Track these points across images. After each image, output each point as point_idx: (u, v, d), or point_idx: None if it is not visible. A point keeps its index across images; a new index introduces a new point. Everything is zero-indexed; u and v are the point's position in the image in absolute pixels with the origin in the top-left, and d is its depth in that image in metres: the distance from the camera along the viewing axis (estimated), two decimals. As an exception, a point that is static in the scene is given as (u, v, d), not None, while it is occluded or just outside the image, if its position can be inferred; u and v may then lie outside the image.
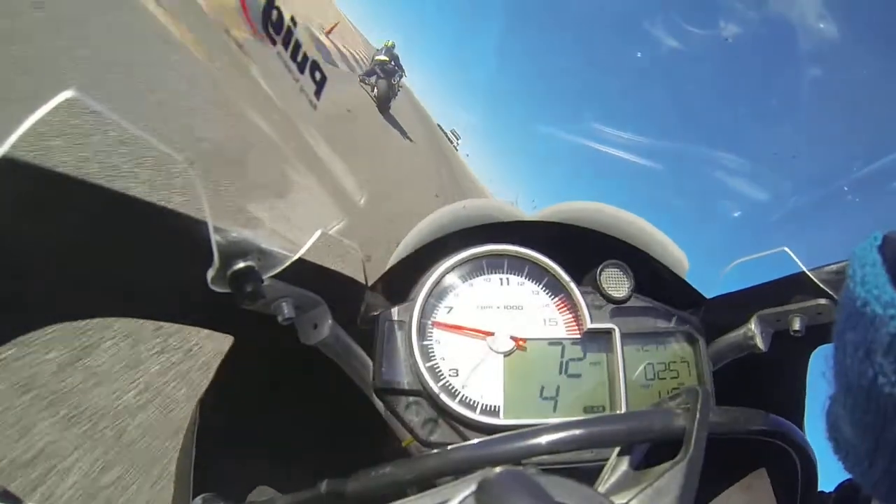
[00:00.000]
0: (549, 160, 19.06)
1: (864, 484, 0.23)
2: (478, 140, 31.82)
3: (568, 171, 17.93)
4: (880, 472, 0.21)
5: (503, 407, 0.49)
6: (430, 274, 0.52)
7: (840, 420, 0.24)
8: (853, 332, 0.21)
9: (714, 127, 2.55)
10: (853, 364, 0.21)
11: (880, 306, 0.20)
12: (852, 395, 0.22)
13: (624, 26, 8.40)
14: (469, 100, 28.72)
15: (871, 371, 0.20)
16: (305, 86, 0.38)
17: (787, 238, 0.47)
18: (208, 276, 0.35)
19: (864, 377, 0.20)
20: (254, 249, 0.37)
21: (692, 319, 0.57)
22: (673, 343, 0.56)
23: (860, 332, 0.21)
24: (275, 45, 0.35)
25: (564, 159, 19.33)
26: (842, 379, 0.22)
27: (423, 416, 0.48)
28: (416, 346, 0.49)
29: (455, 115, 37.53)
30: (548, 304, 0.54)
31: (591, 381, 0.52)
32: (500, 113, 23.82)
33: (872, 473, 0.22)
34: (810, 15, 0.42)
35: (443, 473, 0.39)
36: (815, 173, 0.52)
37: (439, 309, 0.52)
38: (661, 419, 0.38)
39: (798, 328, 0.50)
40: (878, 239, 0.22)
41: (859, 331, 0.21)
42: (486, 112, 26.13)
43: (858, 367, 0.21)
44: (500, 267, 0.55)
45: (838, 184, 0.46)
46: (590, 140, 0.75)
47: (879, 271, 0.21)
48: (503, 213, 0.59)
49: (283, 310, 0.41)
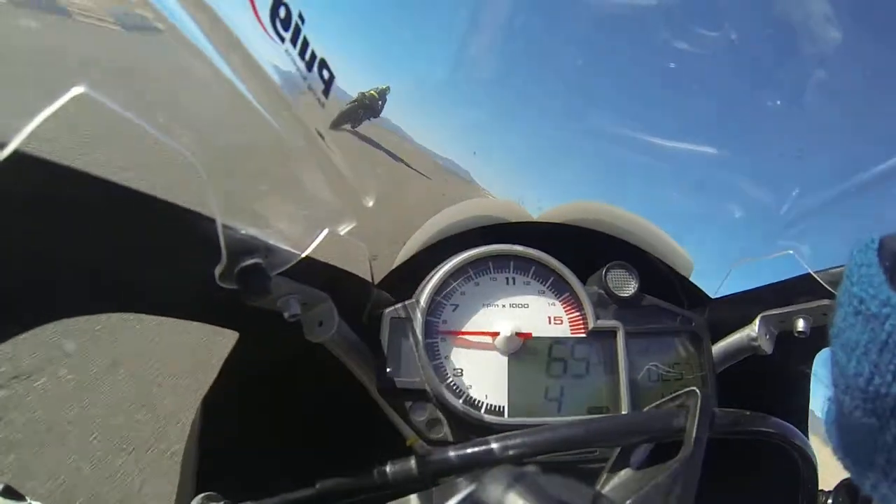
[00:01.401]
0: (557, 159, 18.78)
1: (863, 484, 0.23)
2: (485, 137, 31.54)
3: (575, 170, 17.33)
4: (879, 472, 0.21)
5: (507, 407, 0.49)
6: (436, 273, 0.52)
7: (838, 421, 0.24)
8: (850, 333, 0.22)
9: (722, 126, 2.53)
10: (850, 364, 0.21)
11: (877, 306, 0.20)
12: (850, 396, 0.22)
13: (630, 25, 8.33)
14: (477, 96, 28.56)
15: (868, 371, 0.20)
16: (313, 84, 0.38)
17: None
18: (216, 272, 0.35)
19: (861, 377, 0.21)
20: (261, 246, 0.37)
21: (697, 320, 0.57)
22: (677, 343, 0.56)
23: (857, 332, 0.21)
24: (283, 42, 0.35)
25: (570, 158, 18.96)
26: (839, 379, 0.23)
27: (427, 415, 0.48)
28: (422, 344, 0.49)
29: (463, 113, 37.12)
30: (553, 303, 0.54)
31: (595, 381, 0.52)
32: (507, 109, 23.54)
33: (871, 474, 0.22)
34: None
35: (446, 472, 0.39)
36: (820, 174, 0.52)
37: (445, 308, 0.52)
38: (662, 420, 0.38)
39: (802, 329, 0.50)
40: (875, 241, 0.22)
41: (856, 331, 0.21)
42: (493, 108, 25.77)
43: (856, 368, 0.21)
44: (506, 266, 0.55)
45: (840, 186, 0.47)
46: (597, 138, 0.74)
47: (876, 272, 0.21)
48: (509, 214, 0.59)
49: (289, 306, 0.41)
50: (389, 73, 57.45)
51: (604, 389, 0.52)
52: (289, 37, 0.36)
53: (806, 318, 0.51)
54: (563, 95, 2.41)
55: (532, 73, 5.00)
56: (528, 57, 3.57)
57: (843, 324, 0.22)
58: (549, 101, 3.62)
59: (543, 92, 3.41)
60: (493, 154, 22.14)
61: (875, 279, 0.21)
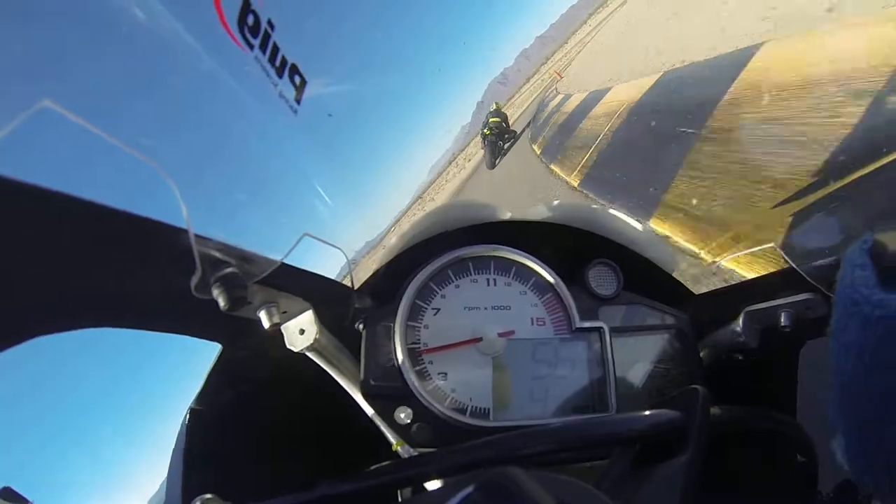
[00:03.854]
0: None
1: (863, 482, 0.23)
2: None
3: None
4: (879, 469, 0.21)
5: (492, 409, 0.49)
6: (417, 276, 0.52)
7: (838, 419, 0.24)
8: (846, 333, 0.22)
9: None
10: (847, 364, 0.21)
11: (870, 307, 0.20)
12: (848, 395, 0.22)
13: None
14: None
15: (864, 370, 0.20)
16: (284, 91, 0.38)
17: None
18: (192, 283, 0.35)
19: (858, 376, 0.21)
20: (236, 255, 0.37)
21: (681, 316, 0.57)
22: (663, 340, 0.56)
23: (852, 333, 0.21)
24: (252, 49, 0.35)
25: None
26: (838, 379, 0.23)
27: (412, 419, 0.48)
28: (404, 349, 0.49)
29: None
30: (536, 303, 0.54)
31: (580, 380, 0.52)
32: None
33: (872, 471, 0.22)
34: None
35: (431, 477, 0.39)
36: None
37: (426, 312, 0.52)
38: (662, 419, 0.38)
39: (786, 323, 0.50)
40: (867, 242, 0.22)
41: (851, 331, 0.21)
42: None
43: (852, 367, 0.21)
44: (487, 268, 0.55)
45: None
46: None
47: (869, 273, 0.21)
48: (488, 214, 0.59)
49: (268, 316, 0.41)
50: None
51: (590, 389, 0.52)
52: (258, 43, 0.36)
53: (789, 311, 0.51)
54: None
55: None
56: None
57: (838, 325, 0.22)
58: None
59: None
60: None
61: (868, 280, 0.21)
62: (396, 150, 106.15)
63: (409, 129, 45.07)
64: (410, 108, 48.55)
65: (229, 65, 0.35)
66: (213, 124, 0.37)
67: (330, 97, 0.42)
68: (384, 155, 46.41)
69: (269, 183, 0.41)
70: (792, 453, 0.47)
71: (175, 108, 0.36)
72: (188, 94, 0.35)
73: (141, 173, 0.30)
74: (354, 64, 22.59)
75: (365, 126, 20.79)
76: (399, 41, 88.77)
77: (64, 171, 0.30)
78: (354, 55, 32.31)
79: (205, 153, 0.37)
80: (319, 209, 0.43)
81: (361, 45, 65.21)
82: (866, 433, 0.22)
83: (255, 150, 0.39)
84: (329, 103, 0.41)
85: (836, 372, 0.23)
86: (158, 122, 0.33)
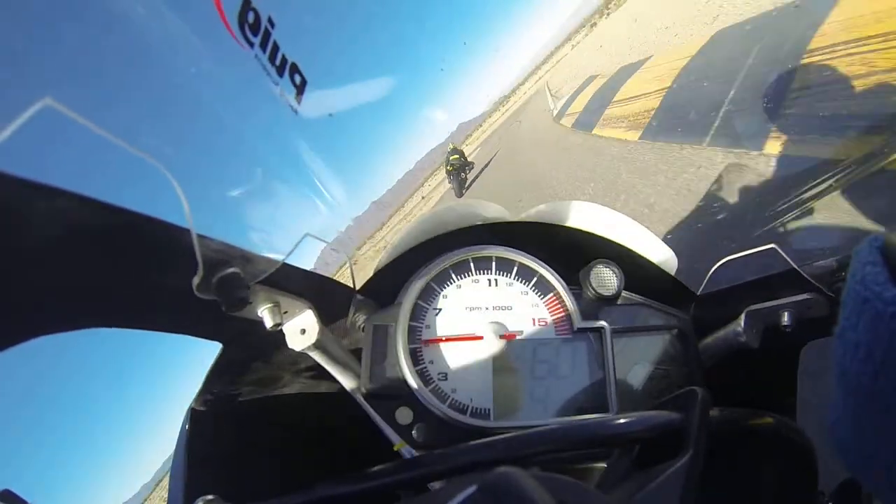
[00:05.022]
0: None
1: (865, 482, 0.23)
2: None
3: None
4: (882, 470, 0.21)
5: (493, 410, 0.49)
6: (418, 277, 0.52)
7: (842, 420, 0.24)
8: (854, 332, 0.21)
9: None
10: (855, 364, 0.21)
11: (881, 304, 0.20)
12: (854, 395, 0.22)
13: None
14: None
15: (873, 370, 0.20)
16: (285, 90, 0.37)
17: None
18: (193, 283, 0.35)
19: (866, 376, 0.20)
20: (238, 255, 0.37)
21: (682, 316, 0.57)
22: (664, 341, 0.56)
23: (861, 332, 0.21)
24: (252, 47, 0.35)
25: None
26: (843, 379, 0.22)
27: (412, 419, 0.48)
28: (405, 350, 0.49)
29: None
30: (537, 304, 0.54)
31: (581, 380, 0.52)
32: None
33: (874, 472, 0.22)
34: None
35: (432, 477, 0.39)
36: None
37: (428, 312, 0.52)
38: (662, 420, 0.38)
39: (787, 323, 0.50)
40: (878, 239, 0.22)
41: (860, 330, 0.21)
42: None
43: (860, 367, 0.21)
44: (489, 268, 0.55)
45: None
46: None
47: (880, 270, 0.21)
48: (489, 215, 0.59)
49: (270, 316, 0.41)
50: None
51: (590, 389, 0.52)
52: (258, 42, 0.36)
53: (790, 311, 0.51)
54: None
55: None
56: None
57: (846, 323, 0.22)
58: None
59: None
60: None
61: (879, 277, 0.20)
62: (396, 150, 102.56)
63: (409, 129, 44.88)
64: (411, 107, 48.15)
65: (230, 64, 0.35)
66: (214, 124, 0.37)
67: (330, 97, 0.42)
68: (384, 155, 45.77)
69: (270, 182, 0.41)
70: (792, 454, 0.47)
71: (176, 107, 0.36)
72: (189, 93, 0.35)
73: (142, 172, 0.30)
74: (354, 64, 22.48)
75: (365, 126, 20.62)
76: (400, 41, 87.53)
77: (65, 170, 0.30)
78: (354, 55, 32.14)
79: (206, 153, 0.37)
80: (321, 209, 0.43)
81: (361, 45, 65.29)
82: (870, 433, 0.21)
83: (257, 150, 0.39)
84: (329, 103, 0.41)
85: (841, 372, 0.23)
86: (159, 120, 0.33)
